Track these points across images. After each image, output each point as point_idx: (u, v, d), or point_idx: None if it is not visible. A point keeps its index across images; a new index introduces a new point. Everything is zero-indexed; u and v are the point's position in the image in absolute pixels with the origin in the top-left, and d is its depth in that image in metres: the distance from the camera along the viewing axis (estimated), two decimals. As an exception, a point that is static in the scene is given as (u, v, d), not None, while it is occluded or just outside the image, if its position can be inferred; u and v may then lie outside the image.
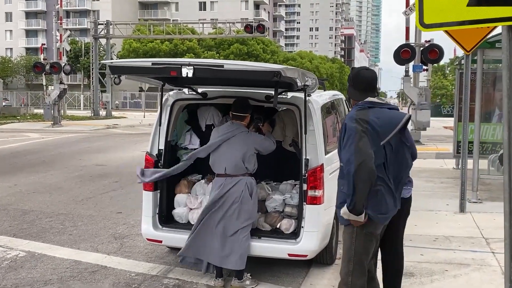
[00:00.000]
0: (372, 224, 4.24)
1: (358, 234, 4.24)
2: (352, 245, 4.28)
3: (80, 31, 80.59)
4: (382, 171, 4.19)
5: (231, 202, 5.81)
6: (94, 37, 44.40)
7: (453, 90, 73.31)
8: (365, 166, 3.98)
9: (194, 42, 65.24)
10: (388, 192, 4.24)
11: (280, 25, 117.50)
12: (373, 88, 4.41)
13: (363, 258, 4.28)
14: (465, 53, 8.78)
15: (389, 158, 4.25)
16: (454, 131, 14.10)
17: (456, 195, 10.02)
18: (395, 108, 4.41)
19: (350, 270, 4.25)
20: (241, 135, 5.89)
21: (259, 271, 6.21)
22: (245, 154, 5.86)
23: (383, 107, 4.29)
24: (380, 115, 4.22)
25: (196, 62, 5.00)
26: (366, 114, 4.17)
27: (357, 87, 4.41)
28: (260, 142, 6.02)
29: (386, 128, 4.19)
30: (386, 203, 4.23)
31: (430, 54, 18.53)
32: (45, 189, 11.56)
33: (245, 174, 5.90)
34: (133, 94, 74.35)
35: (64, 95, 33.07)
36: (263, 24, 38.50)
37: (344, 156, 4.19)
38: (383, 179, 4.20)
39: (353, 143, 4.07)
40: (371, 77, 4.42)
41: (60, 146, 20.55)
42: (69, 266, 6.59)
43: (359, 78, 4.41)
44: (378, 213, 4.22)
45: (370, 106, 4.26)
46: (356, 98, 4.41)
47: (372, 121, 4.14)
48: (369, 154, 4.02)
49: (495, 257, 6.56)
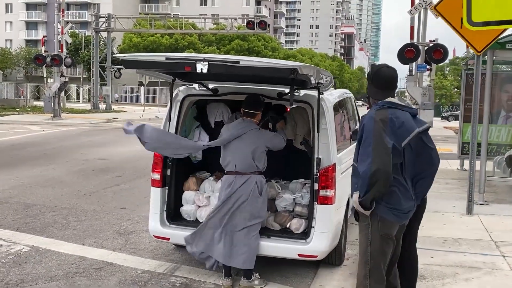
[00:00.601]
0: (387, 225, 4.16)
1: (373, 236, 4.17)
2: (368, 247, 4.20)
3: (81, 24, 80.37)
4: (397, 172, 4.11)
5: (241, 200, 5.72)
6: (95, 30, 44.23)
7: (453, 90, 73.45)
8: (381, 171, 3.92)
9: (195, 37, 65.08)
10: (403, 193, 4.16)
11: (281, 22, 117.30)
12: (393, 87, 4.33)
13: (380, 260, 4.18)
14: (476, 53, 8.69)
15: (407, 159, 4.17)
16: (459, 132, 14.04)
17: (462, 196, 9.97)
18: (415, 114, 4.32)
19: (367, 273, 4.17)
20: (252, 133, 5.79)
21: (267, 270, 6.12)
22: (256, 152, 5.77)
23: (404, 110, 4.20)
24: (400, 115, 4.13)
25: (211, 57, 4.90)
26: (385, 114, 4.09)
27: (377, 85, 4.32)
28: (271, 139, 5.93)
29: (405, 130, 4.11)
30: (401, 204, 4.16)
31: (435, 54, 18.38)
32: (48, 183, 11.46)
33: (255, 172, 5.81)
34: (133, 88, 74.20)
35: (64, 87, 32.94)
36: (265, 21, 38.40)
37: (361, 157, 4.11)
38: (398, 180, 4.13)
39: (370, 145, 4.00)
40: (392, 76, 4.33)
41: (61, 139, 20.42)
42: (74, 262, 6.49)
43: (380, 76, 4.32)
44: (393, 213, 4.14)
45: (390, 107, 4.17)
46: (376, 97, 4.32)
47: (391, 121, 4.06)
48: (386, 159, 3.94)
49: (506, 261, 6.49)
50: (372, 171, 3.93)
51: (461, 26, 8.63)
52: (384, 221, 4.11)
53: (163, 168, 6.29)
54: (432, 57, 18.57)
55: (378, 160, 3.93)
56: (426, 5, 18.48)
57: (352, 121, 8.10)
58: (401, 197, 4.13)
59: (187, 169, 6.73)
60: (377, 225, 4.12)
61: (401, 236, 4.38)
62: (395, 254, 4.38)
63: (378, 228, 4.13)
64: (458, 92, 71.49)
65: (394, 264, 4.43)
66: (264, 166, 5.89)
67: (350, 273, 6.36)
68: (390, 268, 4.38)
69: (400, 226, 4.27)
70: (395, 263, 4.44)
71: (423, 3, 18.45)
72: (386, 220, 4.12)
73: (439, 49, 18.36)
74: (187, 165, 6.71)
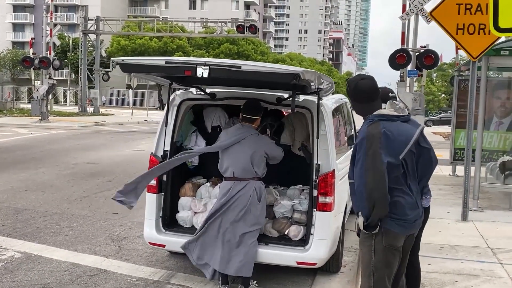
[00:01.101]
0: (391, 236, 4.03)
1: (376, 248, 4.01)
2: (371, 259, 4.05)
3: (68, 26, 79.79)
4: (400, 182, 4.01)
5: (239, 206, 5.63)
6: (83, 33, 43.94)
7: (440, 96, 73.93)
8: (376, 193, 3.82)
9: (184, 40, 64.86)
10: (408, 202, 4.06)
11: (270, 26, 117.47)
12: (377, 96, 4.15)
13: (384, 272, 4.04)
14: (471, 59, 8.68)
15: (410, 167, 4.08)
16: (451, 138, 14.06)
17: (456, 202, 9.96)
18: (407, 120, 4.15)
19: (371, 286, 4.05)
20: (251, 138, 5.71)
21: (264, 278, 6.03)
22: (254, 157, 5.69)
23: (395, 120, 4.05)
24: (392, 128, 3.97)
25: (212, 62, 4.82)
26: (378, 129, 3.92)
27: (360, 100, 4.15)
28: (270, 146, 5.85)
29: (400, 143, 3.97)
30: (406, 214, 4.05)
31: (426, 59, 18.41)
32: (37, 187, 11.28)
33: (254, 178, 5.73)
34: (120, 91, 73.85)
35: (52, 90, 32.68)
36: (255, 25, 38.40)
37: (356, 176, 4.00)
38: (402, 190, 4.02)
39: (363, 166, 3.89)
40: (371, 86, 4.14)
41: (49, 143, 20.19)
42: (67, 269, 6.36)
43: (359, 90, 4.13)
44: (397, 224, 4.03)
45: (381, 119, 4.01)
46: (362, 113, 4.17)
47: (385, 135, 3.91)
48: (379, 178, 3.82)
49: (504, 268, 6.45)
50: (367, 193, 3.85)
51: (456, 32, 8.64)
52: (388, 232, 3.99)
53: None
54: (423, 63, 18.59)
55: (372, 182, 3.83)
56: (417, 11, 18.52)
57: (348, 126, 8.06)
58: (405, 206, 4.03)
59: (183, 175, 6.63)
60: (381, 236, 3.99)
61: (410, 247, 4.27)
62: (402, 266, 4.27)
63: (382, 239, 4.00)
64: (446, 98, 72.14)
65: (401, 276, 4.33)
66: (264, 172, 5.81)
67: (348, 281, 6.30)
68: (398, 280, 4.29)
69: (409, 237, 4.17)
70: (402, 274, 4.35)
71: (415, 9, 18.49)
72: (390, 231, 4.00)
73: (430, 55, 18.40)
74: (183, 171, 6.61)
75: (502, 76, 13.19)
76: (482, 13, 8.43)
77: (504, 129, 12.43)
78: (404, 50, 18.79)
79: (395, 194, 3.97)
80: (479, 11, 8.46)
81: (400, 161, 3.96)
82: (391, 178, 3.92)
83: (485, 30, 8.46)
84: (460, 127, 13.42)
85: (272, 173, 6.20)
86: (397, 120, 4.05)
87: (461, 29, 8.54)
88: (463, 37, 8.56)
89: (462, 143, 13.31)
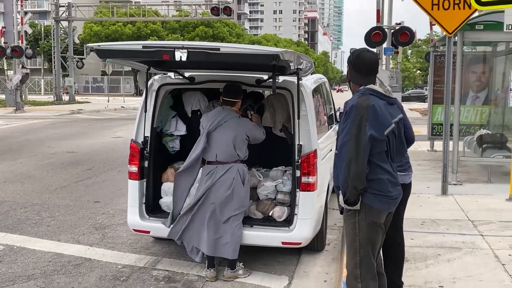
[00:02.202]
0: (374, 213, 4.07)
1: (361, 225, 4.04)
2: (356, 237, 4.08)
3: (39, 13, 78.18)
4: (384, 159, 4.04)
5: (223, 189, 5.64)
6: (55, 20, 43.18)
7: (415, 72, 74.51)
8: (354, 162, 3.85)
9: (158, 24, 64.05)
10: (390, 180, 4.09)
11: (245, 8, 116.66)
12: (375, 71, 4.22)
13: (369, 249, 4.09)
14: (447, 35, 8.74)
15: (392, 146, 4.12)
16: (429, 114, 14.19)
17: (435, 177, 10.09)
18: (393, 103, 4.22)
19: (357, 263, 4.08)
20: (232, 121, 5.70)
21: (250, 259, 6.06)
22: (236, 140, 5.68)
23: (383, 99, 4.10)
24: (380, 104, 4.04)
25: (190, 44, 4.77)
26: (367, 101, 3.97)
27: (358, 70, 4.20)
28: (251, 128, 5.84)
29: (386, 119, 4.03)
30: (389, 191, 4.08)
31: (401, 36, 18.52)
32: (16, 178, 11.13)
33: (237, 161, 5.73)
34: (95, 78, 72.85)
35: (26, 79, 32.13)
36: (229, 6, 38.03)
37: (338, 144, 4.04)
38: (385, 168, 4.05)
39: (347, 134, 3.91)
40: (373, 59, 4.23)
41: (26, 133, 19.88)
42: (51, 259, 6.31)
43: (361, 60, 4.18)
44: (380, 201, 4.07)
45: (371, 94, 4.07)
46: (358, 82, 4.20)
47: (373, 109, 3.95)
48: (361, 147, 3.85)
49: (485, 240, 6.57)
50: (346, 162, 3.88)
51: (431, 8, 8.67)
52: (371, 209, 4.03)
53: (140, 160, 6.13)
54: (398, 40, 18.70)
55: (352, 151, 3.86)
56: (392, -12, 18.55)
57: (327, 106, 8.07)
58: (388, 184, 4.06)
59: (165, 160, 6.59)
60: (364, 213, 4.03)
61: (389, 223, 4.32)
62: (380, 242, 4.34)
63: (365, 216, 4.03)
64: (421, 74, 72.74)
65: (379, 252, 4.38)
66: (246, 154, 5.81)
67: (333, 258, 6.37)
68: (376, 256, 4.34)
69: (388, 214, 4.22)
70: (379, 251, 4.39)
71: (390, -14, 18.52)
72: (373, 208, 4.03)
73: (405, 32, 18.51)
74: (164, 156, 6.58)
75: (476, 51, 13.32)
76: (456, -12, 8.48)
77: (480, 103, 12.60)
78: (380, 27, 18.83)
79: (379, 172, 4.00)
80: (454, -14, 8.50)
81: (385, 137, 3.99)
82: (375, 154, 3.95)
83: (460, 5, 8.51)
84: (437, 103, 13.55)
85: (254, 155, 6.19)
86: (384, 100, 4.10)
87: (436, 5, 8.57)
88: (438, 12, 8.60)
89: (439, 118, 13.45)
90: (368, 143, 3.88)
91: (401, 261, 4.91)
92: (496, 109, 12.22)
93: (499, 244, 6.39)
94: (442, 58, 13.45)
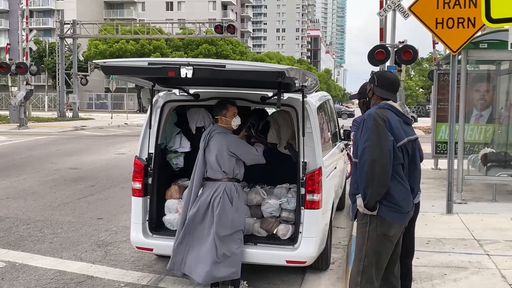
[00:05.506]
0: (386, 225, 4.14)
1: (370, 235, 4.17)
2: (364, 246, 4.21)
3: (44, 31, 78.78)
4: (401, 172, 4.16)
5: (211, 209, 5.56)
6: (60, 37, 43.43)
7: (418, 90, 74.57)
8: (377, 162, 3.96)
9: (162, 41, 64.50)
10: (405, 193, 4.19)
11: (248, 26, 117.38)
12: (396, 89, 4.45)
13: (373, 259, 4.17)
14: (451, 53, 8.75)
15: (405, 163, 4.20)
16: (432, 132, 14.16)
17: (440, 195, 10.03)
18: (409, 123, 4.38)
19: (360, 270, 4.20)
20: (216, 136, 5.64)
21: (254, 278, 6.01)
22: (220, 157, 5.59)
23: (400, 116, 4.26)
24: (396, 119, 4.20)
25: (196, 62, 4.77)
26: (385, 114, 4.15)
27: (382, 86, 4.41)
28: (235, 144, 5.69)
29: (400, 133, 4.17)
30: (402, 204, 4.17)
31: (404, 55, 18.52)
32: (19, 194, 11.10)
33: (224, 178, 5.64)
34: (99, 95, 73.15)
35: (30, 96, 32.25)
36: (233, 25, 38.24)
37: (359, 152, 4.15)
38: (400, 180, 4.17)
39: (368, 139, 4.04)
40: (395, 78, 4.51)
41: (29, 149, 19.89)
42: (53, 277, 6.25)
43: (385, 78, 4.45)
44: (393, 213, 4.13)
45: (389, 108, 4.24)
46: (383, 95, 4.39)
47: (389, 122, 4.12)
48: (384, 150, 3.98)
49: (491, 259, 6.50)
50: (369, 166, 3.98)
51: (435, 26, 8.69)
52: (383, 221, 4.13)
53: (144, 176, 6.11)
54: (401, 58, 18.70)
55: (375, 155, 3.97)
56: (394, 7, 18.63)
57: (331, 123, 8.06)
58: (402, 196, 4.18)
59: (169, 177, 6.56)
60: (375, 224, 4.14)
61: (401, 237, 4.35)
62: (395, 253, 4.36)
63: (376, 227, 4.14)
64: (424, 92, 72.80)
65: (395, 263, 4.41)
66: (237, 173, 5.69)
67: (337, 278, 6.30)
68: (392, 267, 4.36)
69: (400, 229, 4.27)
70: (396, 262, 4.42)
71: (392, 5, 18.59)
72: (385, 220, 4.13)
73: (408, 50, 18.52)
74: (168, 173, 6.55)
75: (479, 70, 13.34)
76: (460, 7, 8.51)
77: (484, 122, 12.58)
78: (383, 46, 18.88)
79: (395, 184, 4.10)
80: (457, 5, 8.53)
81: (400, 148, 4.10)
82: (394, 165, 4.07)
83: (464, 23, 8.54)
84: (441, 121, 13.53)
85: (258, 172, 6.16)
86: (401, 118, 4.27)
87: (440, 23, 8.60)
88: (442, 31, 8.62)
89: (443, 136, 13.43)
90: (391, 147, 4.02)
91: (410, 274, 4.93)
92: (500, 128, 12.19)
93: (506, 263, 6.32)
94: (446, 76, 13.48)
